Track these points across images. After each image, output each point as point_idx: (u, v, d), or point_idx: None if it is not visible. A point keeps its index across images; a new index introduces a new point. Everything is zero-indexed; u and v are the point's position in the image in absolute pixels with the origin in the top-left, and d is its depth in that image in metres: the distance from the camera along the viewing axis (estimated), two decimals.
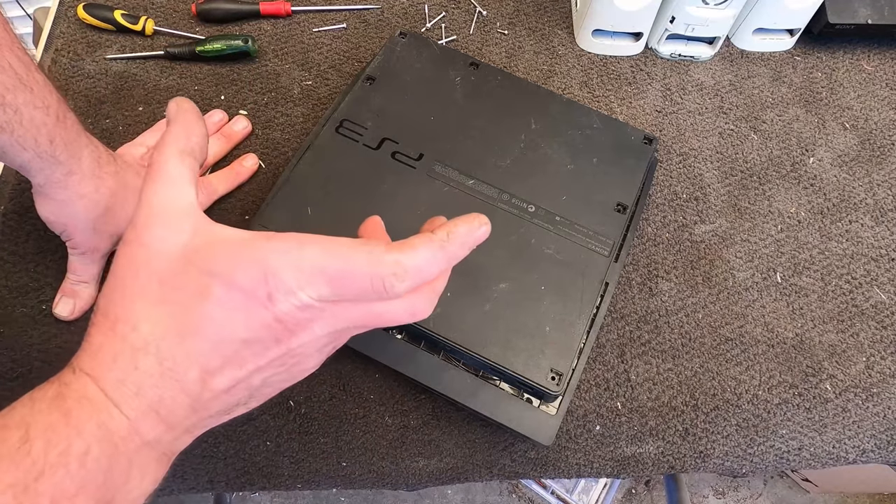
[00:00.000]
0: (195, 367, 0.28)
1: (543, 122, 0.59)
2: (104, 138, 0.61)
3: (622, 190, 0.56)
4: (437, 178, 0.54)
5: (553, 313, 0.50)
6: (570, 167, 0.57)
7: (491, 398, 0.49)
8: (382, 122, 0.56)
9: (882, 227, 0.64)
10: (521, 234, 0.53)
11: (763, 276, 0.61)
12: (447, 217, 0.43)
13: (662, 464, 0.54)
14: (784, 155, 0.67)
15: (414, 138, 0.56)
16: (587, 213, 0.55)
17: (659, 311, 0.59)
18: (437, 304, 0.44)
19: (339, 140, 0.55)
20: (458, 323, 0.48)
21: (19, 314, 0.53)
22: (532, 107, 0.59)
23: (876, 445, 0.56)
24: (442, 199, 0.54)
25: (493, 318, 0.49)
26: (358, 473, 0.52)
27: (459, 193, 0.54)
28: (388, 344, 0.50)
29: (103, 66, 0.64)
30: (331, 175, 0.53)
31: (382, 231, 0.37)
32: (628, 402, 0.55)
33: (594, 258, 0.53)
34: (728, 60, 0.72)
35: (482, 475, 0.53)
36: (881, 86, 0.72)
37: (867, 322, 0.60)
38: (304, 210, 0.51)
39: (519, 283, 0.51)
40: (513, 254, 0.52)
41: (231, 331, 0.27)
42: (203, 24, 0.68)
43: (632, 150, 0.58)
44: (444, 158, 0.55)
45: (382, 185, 0.53)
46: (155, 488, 0.30)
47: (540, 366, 0.48)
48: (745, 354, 0.58)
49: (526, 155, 0.57)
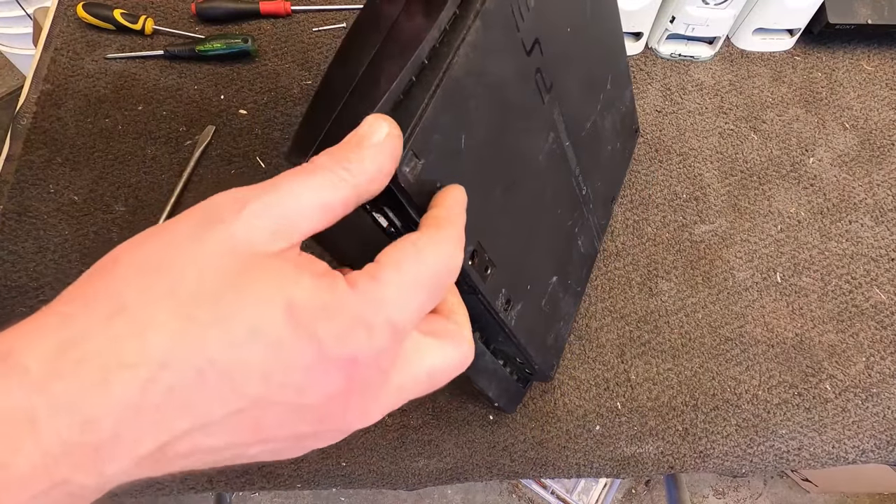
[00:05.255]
0: (192, 418, 0.18)
1: (613, 85, 0.50)
2: (103, 138, 0.61)
3: (615, 183, 0.55)
4: (552, 129, 0.41)
5: (567, 308, 0.50)
6: (609, 148, 0.52)
7: (498, 380, 0.48)
8: (540, 10, 0.36)
9: (882, 227, 0.64)
10: (574, 220, 0.48)
11: (763, 276, 0.61)
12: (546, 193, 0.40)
13: (662, 464, 0.54)
14: (784, 155, 0.67)
15: (555, 52, 0.39)
16: (601, 204, 0.53)
17: (659, 311, 0.59)
18: (522, 296, 0.40)
19: (506, 18, 0.33)
20: (528, 320, 0.43)
21: (19, 314, 0.52)
22: (613, 58, 0.49)
23: (876, 445, 0.56)
24: (545, 156, 0.41)
25: (543, 314, 0.47)
26: (358, 473, 0.52)
27: (557, 155, 0.43)
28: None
29: (103, 65, 0.64)
30: (484, 81, 0.32)
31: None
32: (628, 402, 0.55)
33: (593, 252, 0.53)
34: (728, 60, 0.72)
35: (482, 475, 0.53)
36: (881, 86, 0.72)
37: (867, 322, 0.60)
38: (458, 138, 0.31)
39: (561, 277, 0.48)
40: (565, 242, 0.48)
41: (275, 392, 0.19)
42: (203, 23, 0.68)
43: (630, 140, 0.56)
44: (562, 103, 0.42)
45: (519, 118, 0.37)
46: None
47: (550, 360, 0.49)
48: (745, 354, 0.58)
49: (596, 123, 0.48)
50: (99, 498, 0.19)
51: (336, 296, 0.20)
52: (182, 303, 0.18)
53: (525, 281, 0.42)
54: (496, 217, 0.36)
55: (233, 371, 0.18)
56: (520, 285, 0.41)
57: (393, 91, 0.26)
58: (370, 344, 0.20)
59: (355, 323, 0.20)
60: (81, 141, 0.60)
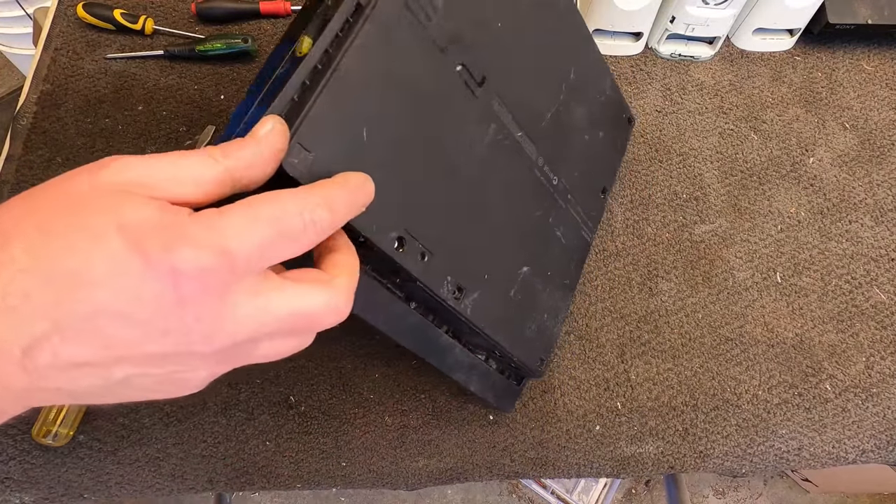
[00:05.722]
0: (46, 321, 0.21)
1: (579, 75, 0.50)
2: (103, 138, 0.61)
3: (608, 173, 0.54)
4: (493, 120, 0.42)
5: (551, 301, 0.49)
6: (586, 138, 0.51)
7: (479, 376, 0.48)
8: (455, 8, 0.38)
9: (882, 227, 0.64)
10: (545, 210, 0.48)
11: (763, 276, 0.61)
12: (496, 184, 0.41)
13: (662, 464, 0.54)
14: (784, 155, 0.67)
15: (483, 47, 0.40)
16: (585, 193, 0.51)
17: (659, 311, 0.59)
18: (478, 285, 0.41)
19: (406, 18, 0.35)
20: (489, 309, 0.44)
21: None
22: (575, 50, 0.49)
23: (876, 445, 0.56)
24: (492, 151, 0.42)
25: (513, 304, 0.46)
26: (358, 473, 0.52)
27: (508, 146, 0.43)
28: (395, 311, 0.42)
29: (103, 65, 0.64)
30: (389, 79, 0.34)
31: None
32: (628, 402, 0.55)
33: (582, 243, 0.51)
34: (728, 60, 0.72)
35: (482, 475, 0.53)
36: (881, 86, 0.72)
37: (867, 322, 0.60)
38: (358, 132, 0.33)
39: (537, 267, 0.48)
40: (535, 233, 0.47)
41: (111, 298, 0.21)
42: (203, 23, 0.68)
43: (620, 130, 0.55)
44: (503, 93, 0.42)
45: (440, 111, 0.38)
46: None
47: (533, 355, 0.48)
48: (745, 354, 0.58)
49: (560, 112, 0.48)
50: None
51: (175, 219, 0.22)
52: (42, 219, 0.22)
53: (479, 269, 0.42)
54: (430, 206, 0.38)
55: (76, 279, 0.21)
56: (472, 274, 0.42)
57: (285, 93, 0.29)
58: (194, 259, 0.22)
59: (182, 239, 0.22)
60: (81, 141, 0.60)
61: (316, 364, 0.54)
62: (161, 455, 0.51)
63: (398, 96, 0.35)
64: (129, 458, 0.51)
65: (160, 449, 0.51)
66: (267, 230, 0.23)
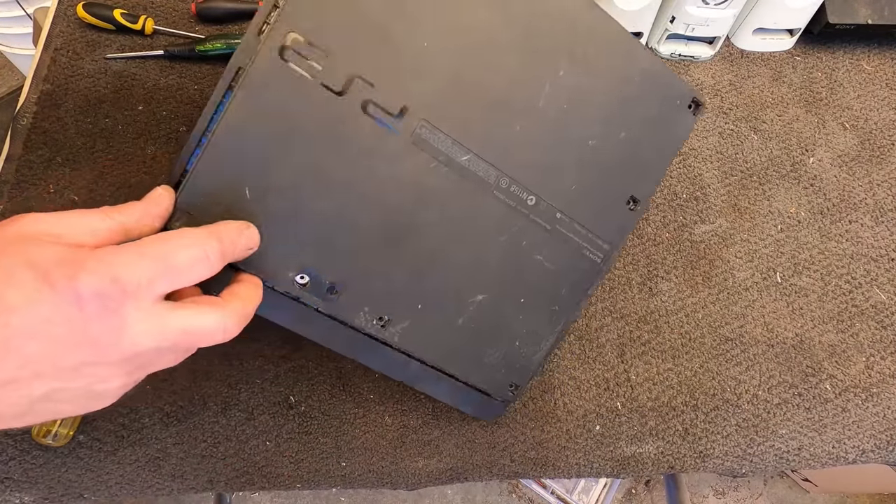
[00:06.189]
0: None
1: (577, 70, 0.42)
2: (103, 138, 0.61)
3: (642, 178, 0.45)
4: (422, 149, 0.39)
5: (526, 328, 0.46)
6: (592, 143, 0.43)
7: (449, 389, 0.47)
8: (353, 47, 0.37)
9: (882, 227, 0.64)
10: (512, 235, 0.43)
11: (763, 276, 0.61)
12: (430, 216, 0.41)
13: (662, 464, 0.54)
14: (784, 155, 0.67)
15: (395, 79, 0.38)
16: (594, 208, 0.45)
17: (659, 311, 0.59)
18: (407, 315, 0.43)
19: (285, 73, 0.35)
20: (426, 337, 0.43)
21: None
22: (567, 43, 0.42)
23: (876, 445, 0.56)
24: (425, 184, 0.40)
25: (464, 332, 0.44)
26: (358, 473, 0.52)
27: (448, 174, 0.40)
28: (325, 326, 0.42)
29: (103, 65, 0.64)
30: (275, 133, 0.36)
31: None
32: (628, 402, 0.55)
33: (584, 265, 0.46)
34: (728, 60, 0.72)
35: (482, 475, 0.53)
36: (881, 86, 0.72)
37: (867, 322, 0.60)
38: (240, 190, 0.36)
39: (498, 295, 0.44)
40: (499, 259, 0.44)
41: (26, 322, 0.25)
42: (203, 23, 0.68)
43: (669, 120, 0.45)
44: (433, 117, 0.39)
45: (348, 157, 0.38)
46: None
47: (501, 381, 0.47)
48: (745, 354, 0.58)
49: (543, 118, 0.42)
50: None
51: (76, 254, 0.27)
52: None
53: (409, 300, 0.43)
54: (340, 242, 0.39)
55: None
56: (399, 304, 0.42)
57: (180, 161, 0.36)
58: (91, 284, 0.26)
59: (83, 269, 0.26)
60: (81, 141, 0.60)
61: (316, 364, 0.54)
62: (161, 455, 0.51)
63: (287, 148, 0.37)
64: (129, 458, 0.51)
65: (160, 449, 0.51)
66: (152, 263, 0.28)
